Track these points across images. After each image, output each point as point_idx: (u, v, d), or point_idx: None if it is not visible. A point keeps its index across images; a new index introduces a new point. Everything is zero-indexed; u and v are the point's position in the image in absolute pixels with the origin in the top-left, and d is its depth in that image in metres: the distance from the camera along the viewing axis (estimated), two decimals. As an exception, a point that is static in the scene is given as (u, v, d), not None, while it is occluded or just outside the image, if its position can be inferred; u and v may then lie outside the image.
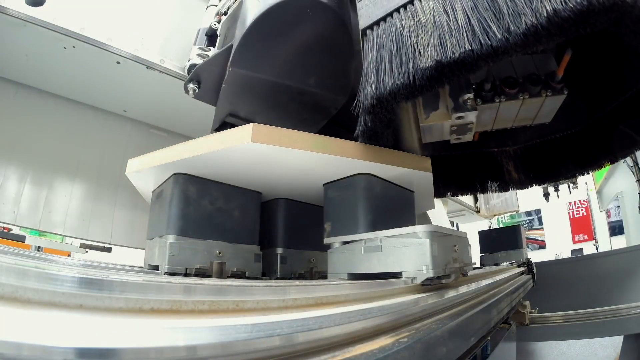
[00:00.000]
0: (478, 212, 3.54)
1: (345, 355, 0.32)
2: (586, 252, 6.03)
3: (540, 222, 7.71)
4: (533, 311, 1.92)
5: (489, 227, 4.84)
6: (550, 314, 1.90)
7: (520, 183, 1.22)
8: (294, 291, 0.40)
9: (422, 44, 0.55)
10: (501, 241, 2.12)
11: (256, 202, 0.90)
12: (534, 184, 1.23)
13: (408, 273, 0.60)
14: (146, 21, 1.37)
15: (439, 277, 0.60)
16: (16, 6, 1.12)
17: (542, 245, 7.54)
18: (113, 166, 1.65)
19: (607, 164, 1.05)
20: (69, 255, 2.16)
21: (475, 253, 1.52)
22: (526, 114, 0.84)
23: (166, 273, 0.70)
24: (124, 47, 1.29)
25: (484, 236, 2.23)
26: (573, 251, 6.89)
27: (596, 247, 6.18)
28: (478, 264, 2.16)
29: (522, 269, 1.90)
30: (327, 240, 0.80)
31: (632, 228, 3.50)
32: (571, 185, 3.33)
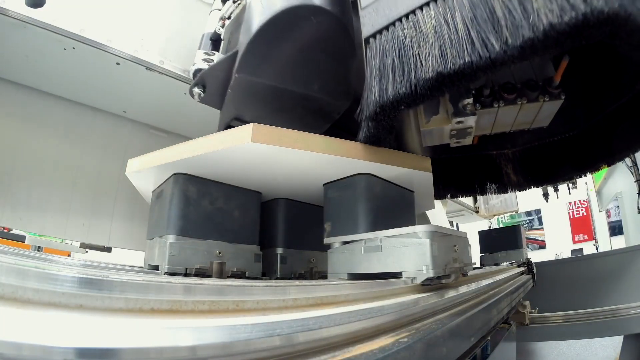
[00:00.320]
0: (477, 212, 3.54)
1: (345, 355, 0.32)
2: (586, 252, 6.03)
3: (540, 222, 7.71)
4: (533, 311, 1.92)
5: (489, 227, 4.84)
6: (550, 314, 1.90)
7: (518, 185, 1.23)
8: (294, 291, 0.40)
9: (424, 54, 0.56)
10: (501, 241, 2.12)
11: (256, 202, 0.90)
12: (532, 186, 1.25)
13: (408, 273, 0.60)
14: (146, 23, 1.37)
15: (439, 277, 0.60)
16: (16, 7, 1.12)
17: (542, 245, 7.53)
18: (113, 166, 1.66)
19: (605, 167, 1.06)
20: (69, 255, 2.16)
21: (475, 253, 1.52)
22: (524, 118, 0.85)
23: (166, 273, 0.71)
24: (124, 49, 1.29)
25: (484, 236, 2.23)
26: (573, 251, 6.89)
27: (596, 247, 6.18)
28: (478, 264, 2.16)
29: (522, 269, 1.90)
30: (327, 240, 0.80)
31: (631, 228, 3.50)
32: (570, 185, 3.33)
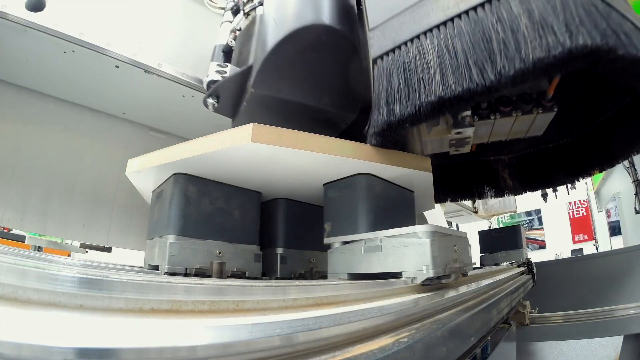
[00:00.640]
0: (476, 213, 3.54)
1: (345, 355, 0.32)
2: (586, 252, 6.03)
3: (540, 222, 7.71)
4: (533, 311, 1.92)
5: (489, 227, 4.84)
6: (550, 314, 1.90)
7: (514, 189, 1.29)
8: (294, 291, 0.40)
9: (427, 79, 0.61)
10: (501, 241, 2.12)
11: (256, 202, 0.90)
12: (528, 191, 1.31)
13: (408, 273, 0.60)
14: (144, 27, 1.39)
15: (439, 277, 0.60)
16: (17, 12, 1.14)
17: (542, 245, 7.53)
18: (112, 167, 1.67)
19: (596, 172, 1.10)
20: (69, 255, 2.17)
21: (475, 253, 1.53)
22: (519, 128, 0.90)
23: (166, 273, 0.70)
24: (123, 52, 1.31)
25: (484, 236, 2.23)
26: (573, 251, 6.88)
27: (596, 247, 6.17)
28: (478, 264, 2.16)
29: (522, 269, 1.90)
30: (327, 240, 0.80)
31: (629, 228, 3.49)
32: (569, 186, 3.32)
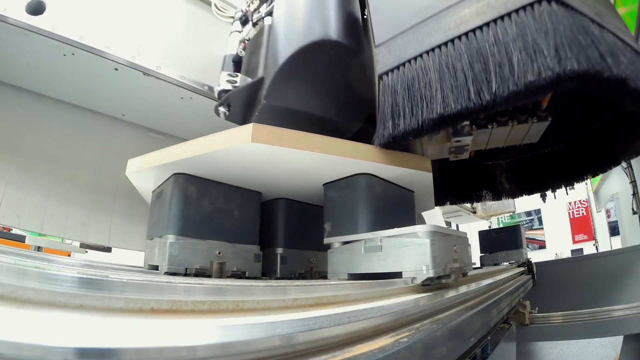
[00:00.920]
0: (475, 213, 3.54)
1: (345, 355, 0.32)
2: (586, 252, 6.03)
3: (540, 222, 7.70)
4: (533, 311, 1.91)
5: (489, 227, 4.84)
6: (550, 314, 1.90)
7: (511, 193, 1.35)
8: (294, 291, 0.40)
9: (429, 97, 0.66)
10: (501, 241, 2.12)
11: (256, 202, 0.90)
12: (525, 194, 1.35)
13: (408, 273, 0.60)
14: (143, 30, 1.41)
15: (439, 277, 0.60)
16: (17, 15, 1.16)
17: (542, 245, 7.53)
18: (112, 167, 1.68)
19: (590, 177, 1.15)
20: (69, 255, 2.16)
21: (475, 253, 1.53)
22: (515, 136, 0.96)
23: (166, 273, 0.70)
24: (122, 55, 1.33)
25: (484, 236, 2.23)
26: (573, 251, 6.88)
27: (596, 247, 6.17)
28: (478, 264, 2.16)
29: (522, 269, 1.90)
30: (327, 240, 0.80)
31: (628, 228, 3.48)
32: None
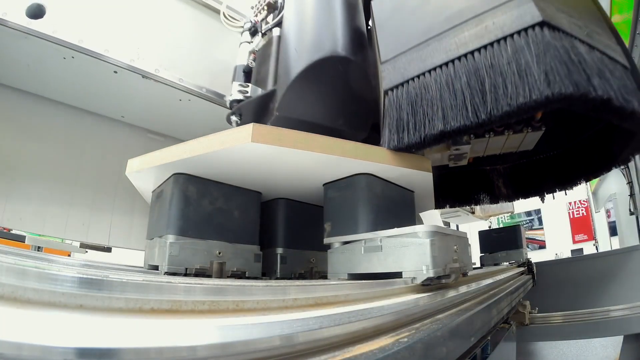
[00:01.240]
0: (473, 213, 3.55)
1: (345, 355, 0.32)
2: (586, 252, 6.02)
3: (540, 222, 7.70)
4: (533, 311, 1.91)
5: (489, 228, 4.84)
6: (550, 314, 1.90)
7: (508, 197, 1.39)
8: (294, 291, 0.40)
9: (430, 114, 0.71)
10: (501, 241, 2.12)
11: (256, 202, 0.90)
12: (521, 198, 1.39)
13: (408, 273, 0.60)
14: (142, 33, 1.43)
15: (439, 277, 0.60)
16: (18, 19, 1.18)
17: (542, 245, 7.52)
18: (112, 168, 1.70)
19: (583, 182, 1.18)
20: (69, 255, 2.16)
21: (475, 253, 1.53)
22: (511, 144, 1.02)
23: (166, 273, 0.70)
24: (121, 58, 1.34)
25: (484, 236, 2.23)
26: (573, 251, 6.87)
27: (596, 247, 6.16)
28: (478, 264, 2.16)
29: (522, 269, 1.90)
30: (327, 240, 0.80)
31: (625, 229, 3.48)
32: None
